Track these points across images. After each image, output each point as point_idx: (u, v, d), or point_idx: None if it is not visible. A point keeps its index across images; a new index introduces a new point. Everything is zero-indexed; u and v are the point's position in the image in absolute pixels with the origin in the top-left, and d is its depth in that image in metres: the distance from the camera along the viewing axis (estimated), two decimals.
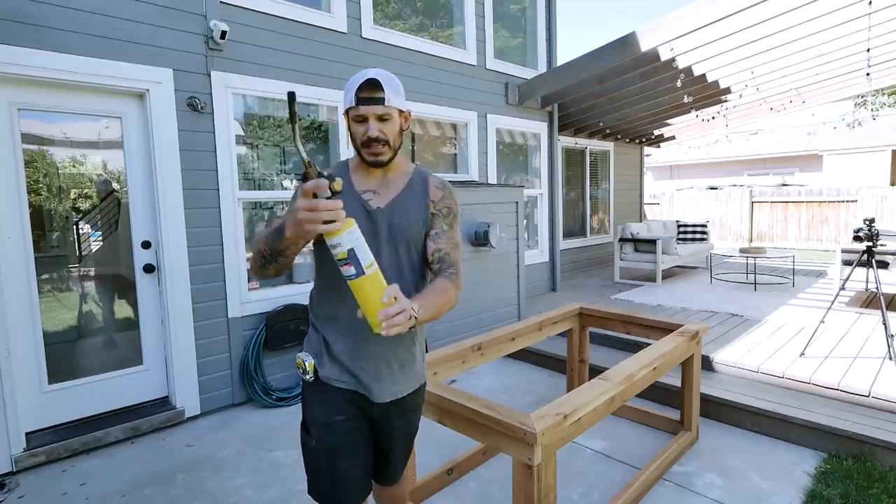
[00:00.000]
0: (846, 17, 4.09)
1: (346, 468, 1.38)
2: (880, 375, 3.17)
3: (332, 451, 1.36)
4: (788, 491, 2.44)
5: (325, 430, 1.36)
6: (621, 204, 8.66)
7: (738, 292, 5.94)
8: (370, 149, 1.33)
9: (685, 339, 2.68)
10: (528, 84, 5.78)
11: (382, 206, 1.38)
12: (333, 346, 1.36)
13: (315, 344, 1.40)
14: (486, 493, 2.50)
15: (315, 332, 1.41)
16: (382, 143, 1.33)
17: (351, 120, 1.34)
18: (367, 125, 1.31)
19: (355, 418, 1.39)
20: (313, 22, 4.01)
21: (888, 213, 11.30)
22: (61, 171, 3.17)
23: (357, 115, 1.31)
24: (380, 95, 1.30)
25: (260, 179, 3.99)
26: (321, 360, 1.37)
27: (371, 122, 1.31)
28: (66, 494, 2.59)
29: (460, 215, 1.50)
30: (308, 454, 1.40)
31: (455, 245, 1.44)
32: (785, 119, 15.58)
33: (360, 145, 1.34)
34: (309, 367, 1.36)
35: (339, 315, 1.36)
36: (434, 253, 1.40)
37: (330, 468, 1.37)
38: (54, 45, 2.87)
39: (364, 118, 1.31)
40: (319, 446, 1.37)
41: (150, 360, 3.40)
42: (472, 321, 4.66)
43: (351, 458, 1.39)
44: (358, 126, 1.33)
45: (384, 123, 1.33)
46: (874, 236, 3.64)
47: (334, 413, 1.36)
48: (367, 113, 1.30)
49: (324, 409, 1.37)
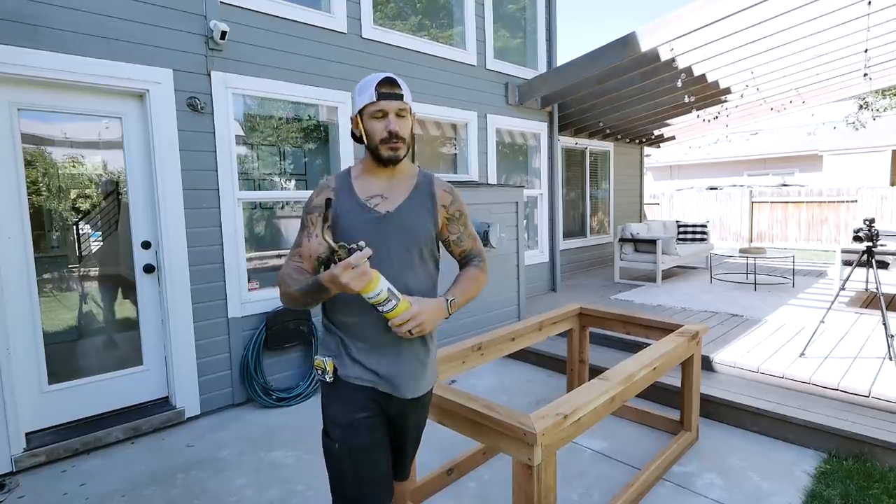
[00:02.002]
0: (846, 17, 4.09)
1: (373, 465, 1.38)
2: (880, 375, 3.17)
3: (356, 449, 1.36)
4: (788, 491, 2.44)
5: (347, 430, 1.36)
6: (621, 204, 8.67)
7: (738, 292, 5.94)
8: (390, 144, 1.34)
9: (685, 339, 2.68)
10: (528, 84, 5.78)
11: (392, 209, 1.40)
12: (352, 346, 1.38)
13: (333, 346, 1.41)
14: (486, 494, 2.50)
15: (330, 334, 1.43)
16: (401, 140, 1.35)
17: (368, 117, 1.35)
18: (388, 120, 1.34)
19: (377, 415, 1.40)
20: (313, 22, 4.01)
21: (888, 213, 11.29)
22: (61, 171, 3.17)
23: (377, 111, 1.33)
24: (399, 91, 1.34)
25: (260, 179, 3.99)
26: (341, 361, 1.38)
27: (391, 117, 1.33)
28: (67, 494, 2.59)
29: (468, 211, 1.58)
30: (332, 459, 1.38)
31: (474, 239, 1.59)
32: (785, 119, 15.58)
33: (378, 142, 1.35)
34: (329, 368, 1.37)
35: (354, 320, 1.38)
36: (461, 254, 1.58)
37: (356, 469, 1.36)
38: (54, 45, 2.87)
39: (384, 114, 1.33)
40: (343, 448, 1.36)
41: (151, 361, 3.40)
42: (472, 321, 4.66)
43: (377, 454, 1.39)
44: (376, 123, 1.35)
45: (402, 120, 1.36)
46: (874, 236, 3.64)
47: (356, 411, 1.37)
48: (388, 108, 1.33)
49: (345, 408, 1.37)
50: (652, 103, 6.28)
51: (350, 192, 1.40)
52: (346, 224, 1.37)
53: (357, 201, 1.39)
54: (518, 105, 5.93)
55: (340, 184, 1.43)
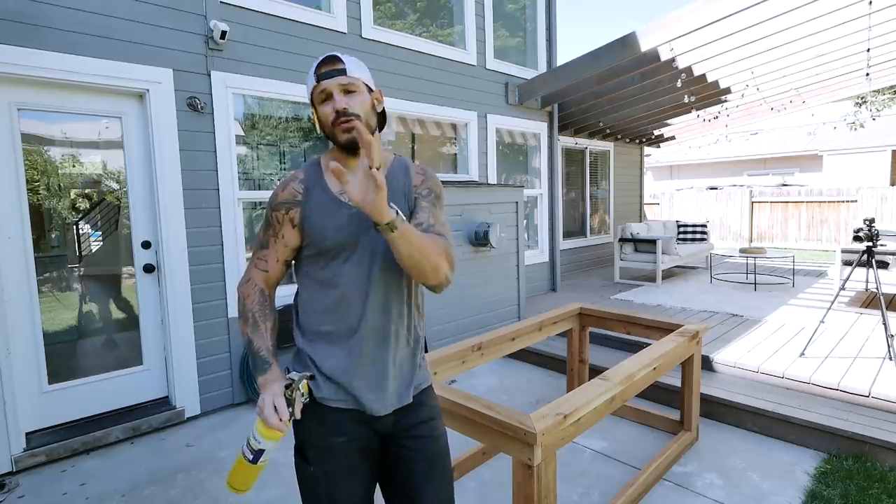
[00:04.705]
0: (846, 17, 4.09)
1: (350, 491, 1.25)
2: (880, 375, 3.17)
3: (332, 474, 1.24)
4: (788, 491, 2.44)
5: (325, 454, 1.24)
6: (621, 204, 8.66)
7: (738, 292, 5.94)
8: (341, 124, 1.19)
9: (685, 339, 2.68)
10: (528, 84, 5.78)
11: None
12: (324, 363, 1.23)
13: (305, 365, 1.26)
14: (486, 494, 2.50)
15: (301, 351, 1.28)
16: (353, 117, 1.19)
17: (317, 105, 1.23)
18: (334, 100, 1.20)
19: (359, 439, 1.26)
20: (313, 22, 4.01)
21: (888, 213, 11.29)
22: (61, 171, 3.17)
23: (320, 93, 1.21)
24: (339, 66, 1.20)
25: (260, 179, 3.99)
26: (314, 382, 1.24)
27: (336, 94, 1.19)
28: (66, 494, 2.59)
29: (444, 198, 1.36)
30: (306, 482, 1.27)
31: (442, 223, 1.28)
32: (785, 119, 15.60)
33: (330, 126, 1.21)
34: (303, 389, 1.20)
35: (330, 329, 1.24)
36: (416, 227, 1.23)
37: (330, 494, 1.24)
38: (54, 45, 2.87)
39: (328, 94, 1.20)
40: (319, 471, 1.24)
41: (150, 360, 3.40)
42: (472, 321, 4.66)
43: (352, 481, 1.26)
44: (324, 107, 1.22)
45: (351, 97, 1.21)
46: (874, 236, 3.64)
47: (335, 434, 1.24)
48: (329, 86, 1.19)
49: (323, 432, 1.25)
50: (652, 103, 6.28)
51: (322, 186, 1.26)
52: (320, 221, 1.23)
53: (330, 195, 1.25)
54: (518, 105, 5.93)
55: (310, 176, 1.28)
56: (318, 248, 1.24)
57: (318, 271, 1.25)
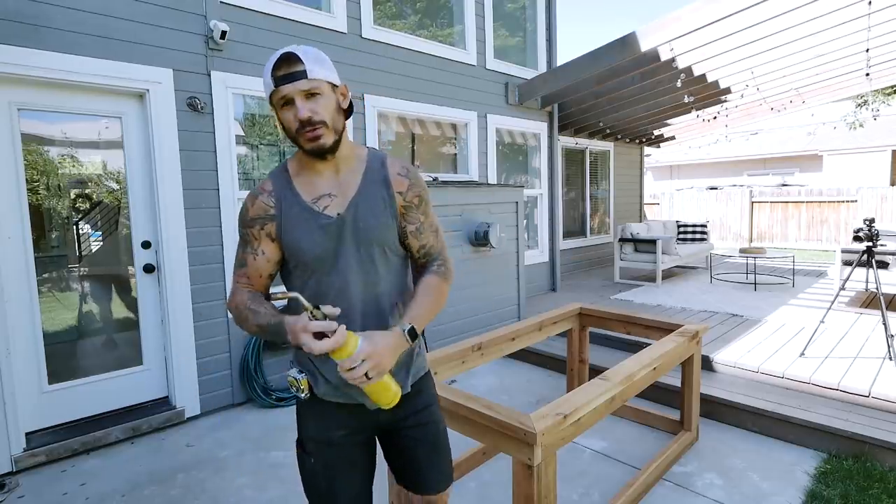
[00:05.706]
0: (846, 17, 4.09)
1: (350, 484, 1.30)
2: (880, 375, 3.17)
3: (332, 467, 1.28)
4: (788, 491, 2.44)
5: (324, 447, 1.28)
6: (621, 204, 8.66)
7: (738, 292, 5.94)
8: (306, 134, 1.14)
9: (685, 339, 2.68)
10: (528, 84, 5.78)
11: (343, 211, 1.21)
12: (322, 364, 1.24)
13: (306, 362, 1.28)
14: (486, 494, 2.50)
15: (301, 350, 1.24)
16: (320, 124, 1.13)
17: (277, 109, 1.15)
18: (295, 107, 1.12)
19: (358, 432, 1.30)
20: (313, 22, 4.01)
21: (888, 214, 11.29)
22: (61, 171, 3.17)
23: (280, 99, 1.13)
24: (299, 69, 1.10)
25: (260, 179, 3.98)
26: (315, 378, 1.26)
27: (298, 101, 1.12)
28: (66, 494, 2.59)
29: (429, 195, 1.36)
30: (306, 474, 1.30)
31: (436, 232, 1.35)
32: (785, 119, 15.60)
33: (294, 134, 1.15)
34: (303, 385, 1.22)
35: None
36: (419, 250, 1.33)
37: (330, 486, 1.28)
38: (54, 45, 2.87)
39: (289, 100, 1.12)
40: (319, 464, 1.28)
41: (150, 360, 3.40)
42: (472, 321, 4.66)
43: (351, 474, 1.30)
44: (286, 113, 1.14)
45: (314, 101, 1.13)
46: (874, 236, 3.64)
47: (334, 428, 1.28)
48: (289, 92, 1.11)
49: (323, 426, 1.28)
50: (652, 103, 6.28)
51: (293, 196, 1.21)
52: (295, 235, 1.19)
53: (303, 205, 1.20)
54: (518, 105, 5.93)
55: (279, 186, 1.23)
56: (298, 261, 1.23)
57: (307, 281, 1.25)
